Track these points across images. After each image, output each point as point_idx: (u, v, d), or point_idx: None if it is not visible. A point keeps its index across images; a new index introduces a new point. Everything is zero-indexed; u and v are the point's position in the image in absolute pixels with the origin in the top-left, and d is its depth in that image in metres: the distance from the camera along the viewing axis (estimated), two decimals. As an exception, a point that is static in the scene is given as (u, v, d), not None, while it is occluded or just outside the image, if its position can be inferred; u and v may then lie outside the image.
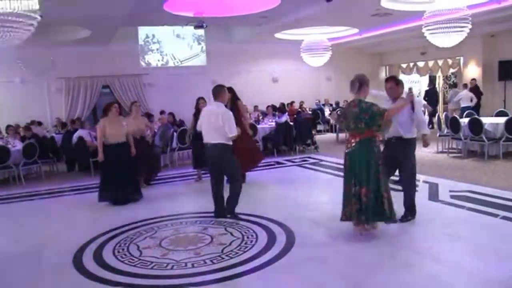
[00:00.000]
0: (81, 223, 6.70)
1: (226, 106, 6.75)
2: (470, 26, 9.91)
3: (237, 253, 5.00)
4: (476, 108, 13.93)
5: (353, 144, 5.19)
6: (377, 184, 5.12)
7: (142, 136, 8.64)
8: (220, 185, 6.38)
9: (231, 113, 6.22)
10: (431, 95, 16.87)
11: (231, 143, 6.17)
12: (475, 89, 14.74)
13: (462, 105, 14.05)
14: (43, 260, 5.21)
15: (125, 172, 7.51)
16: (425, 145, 6.00)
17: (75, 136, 10.99)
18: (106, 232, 6.02)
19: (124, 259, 5.01)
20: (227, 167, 6.26)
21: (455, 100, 14.66)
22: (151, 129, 9.15)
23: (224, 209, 6.37)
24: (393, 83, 5.83)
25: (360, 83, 5.25)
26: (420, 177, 8.24)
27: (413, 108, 5.59)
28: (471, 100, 14.06)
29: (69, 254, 5.24)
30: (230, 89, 8.41)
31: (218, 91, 6.27)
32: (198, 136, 7.19)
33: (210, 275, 4.46)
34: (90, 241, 5.66)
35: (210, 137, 6.18)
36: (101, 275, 4.63)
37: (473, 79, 15.17)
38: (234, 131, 6.07)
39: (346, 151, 5.29)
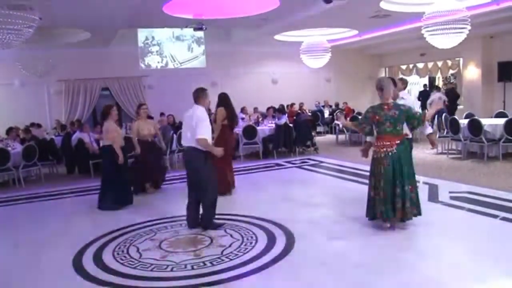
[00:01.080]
0: (81, 225, 6.68)
1: (209, 110, 6.59)
2: (469, 27, 9.93)
3: (237, 254, 4.99)
4: (451, 110, 14.17)
5: (395, 146, 5.25)
6: (415, 181, 5.47)
7: (153, 140, 8.63)
8: (195, 194, 6.00)
9: (205, 115, 5.87)
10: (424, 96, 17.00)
11: (204, 148, 5.82)
12: (450, 92, 15.05)
13: None
14: (42, 262, 5.20)
15: (125, 176, 7.53)
16: (432, 144, 6.09)
17: (74, 139, 10.99)
18: (105, 234, 6.01)
19: (124, 261, 5.01)
20: (196, 175, 5.92)
21: (428, 102, 14.81)
22: (157, 132, 8.98)
23: (198, 218, 6.06)
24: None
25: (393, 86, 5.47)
26: (420, 178, 8.27)
27: None
28: (444, 102, 14.30)
29: (69, 256, 5.23)
30: (218, 96, 8.18)
31: (197, 95, 6.01)
32: None
33: (210, 277, 4.45)
34: (89, 243, 5.65)
35: (184, 140, 6.02)
36: (101, 277, 4.62)
37: (450, 83, 15.42)
38: (203, 134, 5.73)
39: (387, 154, 5.27)
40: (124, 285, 4.40)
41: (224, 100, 8.00)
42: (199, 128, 5.72)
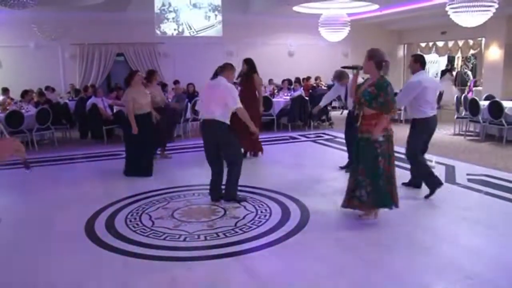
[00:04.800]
0: (93, 191, 6.66)
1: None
2: (496, 5, 9.59)
3: (250, 227, 4.95)
4: None
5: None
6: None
7: (167, 104, 8.47)
8: (218, 167, 5.89)
9: (233, 86, 5.77)
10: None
11: (228, 121, 5.62)
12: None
13: None
14: (55, 227, 5.19)
15: (151, 143, 7.39)
16: None
17: (89, 104, 10.93)
18: (118, 200, 5.99)
19: (136, 229, 4.98)
20: (226, 149, 5.70)
21: None
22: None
23: (221, 190, 5.94)
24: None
25: None
26: (436, 158, 8.20)
27: None
28: None
29: (81, 221, 5.22)
30: (247, 61, 8.27)
31: (224, 67, 5.77)
32: None
33: (223, 248, 4.41)
34: (102, 209, 5.64)
35: (207, 112, 5.63)
36: (112, 243, 4.61)
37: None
38: (238, 103, 5.54)
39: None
40: (136, 252, 4.38)
41: (254, 66, 8.21)
42: (233, 99, 5.53)
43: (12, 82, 13.47)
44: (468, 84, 17.48)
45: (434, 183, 5.89)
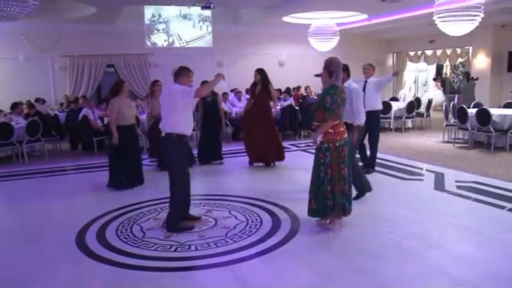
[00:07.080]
0: (84, 203, 6.65)
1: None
2: (482, 15, 9.73)
3: (241, 237, 4.96)
4: None
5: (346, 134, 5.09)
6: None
7: None
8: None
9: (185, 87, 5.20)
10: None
11: (188, 132, 5.26)
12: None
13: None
14: (45, 239, 5.17)
15: (135, 155, 7.36)
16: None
17: (81, 115, 10.90)
18: (108, 212, 5.98)
19: (127, 240, 4.98)
20: (169, 163, 5.30)
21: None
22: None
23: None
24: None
25: None
26: (425, 166, 8.28)
27: None
28: None
29: (71, 233, 5.21)
30: (260, 71, 8.38)
31: (179, 72, 5.31)
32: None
33: (214, 258, 4.42)
34: (93, 221, 5.63)
35: (164, 125, 5.24)
36: (103, 255, 4.61)
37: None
38: (193, 91, 5.05)
39: (343, 141, 5.00)
40: (127, 263, 4.37)
41: (267, 76, 8.44)
42: (188, 92, 5.08)
43: (1, 94, 13.44)
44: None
45: (365, 188, 6.26)
